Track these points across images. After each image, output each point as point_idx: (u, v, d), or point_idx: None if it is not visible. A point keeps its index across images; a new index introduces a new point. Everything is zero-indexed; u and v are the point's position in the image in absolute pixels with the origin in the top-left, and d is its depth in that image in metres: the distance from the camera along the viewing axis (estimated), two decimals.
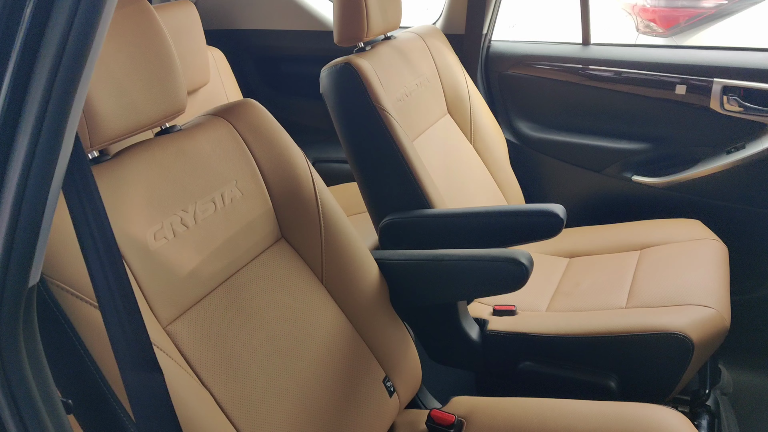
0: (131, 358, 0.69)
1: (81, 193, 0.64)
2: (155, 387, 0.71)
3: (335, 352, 1.14)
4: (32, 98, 0.52)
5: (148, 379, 0.71)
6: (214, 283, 1.02)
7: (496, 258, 1.19)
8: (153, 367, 0.71)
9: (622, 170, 2.12)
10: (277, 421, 0.99)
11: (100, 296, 0.67)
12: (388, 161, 1.58)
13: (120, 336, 0.68)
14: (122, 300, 0.68)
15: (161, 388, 0.72)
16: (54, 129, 0.54)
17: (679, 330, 1.37)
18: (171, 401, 0.73)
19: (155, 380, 0.71)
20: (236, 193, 1.11)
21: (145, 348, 0.70)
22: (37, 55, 0.51)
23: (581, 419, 1.15)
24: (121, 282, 0.67)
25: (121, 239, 0.89)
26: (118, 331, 0.68)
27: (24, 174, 0.54)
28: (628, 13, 3.97)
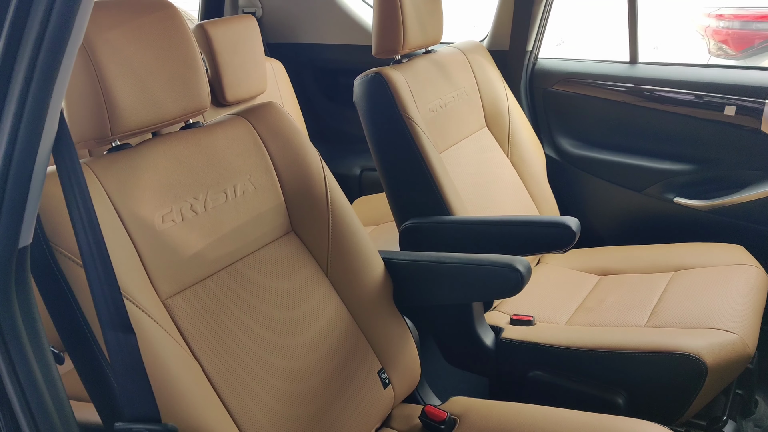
0: (109, 317, 0.77)
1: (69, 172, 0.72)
2: (129, 346, 0.79)
3: (331, 340, 1.18)
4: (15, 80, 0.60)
5: (123, 338, 0.78)
6: (218, 266, 1.09)
7: (493, 263, 1.20)
8: (127, 328, 0.78)
9: (664, 191, 2.06)
10: (264, 398, 1.05)
11: (84, 259, 0.75)
12: (411, 168, 1.62)
13: (100, 297, 0.76)
14: (101, 264, 0.76)
15: (134, 348, 0.79)
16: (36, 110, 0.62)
17: (692, 352, 1.32)
18: (142, 360, 0.80)
19: (129, 340, 0.79)
20: (249, 186, 1.18)
21: (120, 309, 0.78)
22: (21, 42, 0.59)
23: (569, 428, 1.14)
24: (100, 249, 0.75)
25: (128, 219, 0.98)
26: (98, 292, 0.76)
27: (9, 149, 0.62)
28: (702, 35, 3.84)
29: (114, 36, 0.99)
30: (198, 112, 1.13)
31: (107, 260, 0.78)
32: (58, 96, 0.64)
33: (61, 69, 0.62)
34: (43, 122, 0.64)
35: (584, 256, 1.99)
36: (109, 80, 0.97)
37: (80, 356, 0.87)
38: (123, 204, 0.98)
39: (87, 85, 0.96)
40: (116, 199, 0.97)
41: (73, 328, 0.86)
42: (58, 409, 0.76)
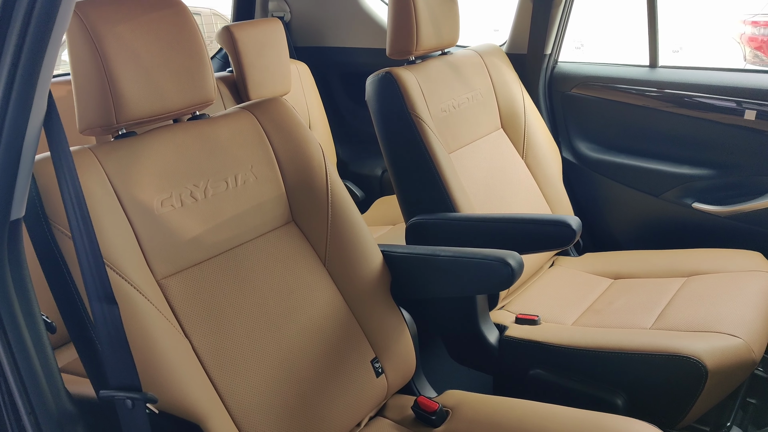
0: (95, 288, 0.81)
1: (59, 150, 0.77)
2: (113, 317, 0.83)
3: (325, 327, 1.21)
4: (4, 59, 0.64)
5: (107, 309, 0.82)
6: (216, 251, 1.13)
7: (486, 257, 1.20)
8: (110, 300, 0.82)
9: (682, 196, 2.02)
10: (253, 379, 1.08)
11: (72, 232, 0.80)
12: (419, 166, 1.63)
13: (86, 268, 0.80)
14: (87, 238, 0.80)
15: (117, 319, 0.83)
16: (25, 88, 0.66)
17: (692, 354, 1.30)
18: (124, 331, 0.84)
19: (113, 311, 0.83)
20: (250, 176, 1.22)
21: (104, 282, 0.82)
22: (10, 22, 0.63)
23: (557, 423, 1.13)
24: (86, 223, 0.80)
25: (128, 201, 1.02)
26: (84, 264, 0.80)
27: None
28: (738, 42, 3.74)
29: (122, 30, 1.04)
30: (203, 104, 1.17)
31: (92, 234, 0.82)
32: (46, 75, 0.68)
33: (48, 49, 0.66)
34: (32, 100, 0.68)
35: (599, 260, 1.97)
36: (116, 71, 1.02)
37: (73, 327, 0.92)
38: (123, 187, 1.02)
39: (94, 75, 1.01)
40: (116, 182, 1.02)
41: (67, 299, 0.91)
42: (46, 374, 0.80)
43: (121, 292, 0.93)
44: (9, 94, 0.66)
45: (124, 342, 0.84)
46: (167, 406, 0.92)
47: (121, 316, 0.85)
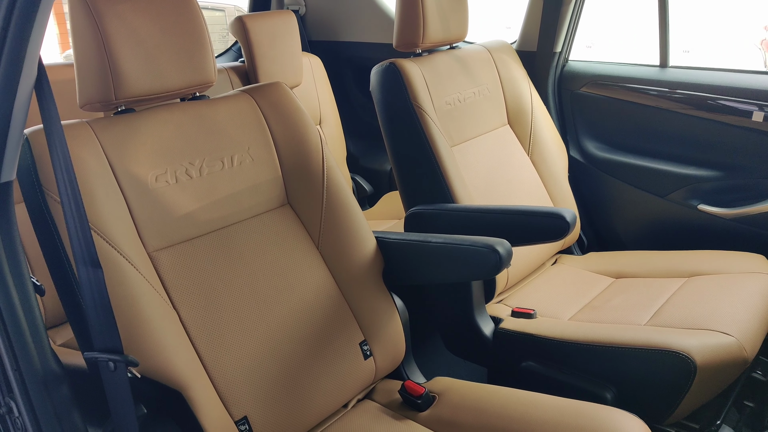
0: (80, 252, 0.84)
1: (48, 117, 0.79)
2: (97, 280, 0.85)
3: (315, 307, 1.22)
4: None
5: (92, 272, 0.85)
6: (208, 228, 1.15)
7: (474, 243, 1.21)
8: (95, 263, 0.85)
9: (687, 197, 2.00)
10: (239, 353, 1.10)
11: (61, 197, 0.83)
12: (419, 157, 1.64)
13: (73, 232, 0.83)
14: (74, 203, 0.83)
15: (101, 282, 0.86)
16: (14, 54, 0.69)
17: (682, 349, 1.29)
18: (107, 294, 0.86)
19: (97, 274, 0.85)
20: (247, 158, 1.24)
21: (89, 246, 0.85)
22: None
23: (539, 410, 1.13)
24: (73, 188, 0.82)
25: (122, 175, 1.05)
26: (71, 227, 0.83)
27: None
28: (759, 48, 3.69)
29: (124, 8, 1.07)
30: (202, 85, 1.20)
31: (78, 198, 0.85)
32: (35, 42, 0.71)
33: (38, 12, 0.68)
34: (21, 67, 0.71)
35: (602, 259, 1.96)
36: (116, 48, 1.05)
37: (63, 291, 0.95)
38: (118, 161, 1.05)
39: (94, 52, 1.04)
40: (112, 156, 1.05)
41: (58, 264, 0.94)
42: (33, 333, 0.83)
43: (110, 261, 0.96)
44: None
45: (108, 305, 0.87)
46: (150, 371, 0.95)
47: (105, 280, 0.87)
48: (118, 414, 0.89)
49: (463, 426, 1.17)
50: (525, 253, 1.80)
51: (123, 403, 0.88)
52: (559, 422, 1.08)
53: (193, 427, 0.97)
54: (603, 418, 1.06)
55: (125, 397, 0.88)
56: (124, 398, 0.88)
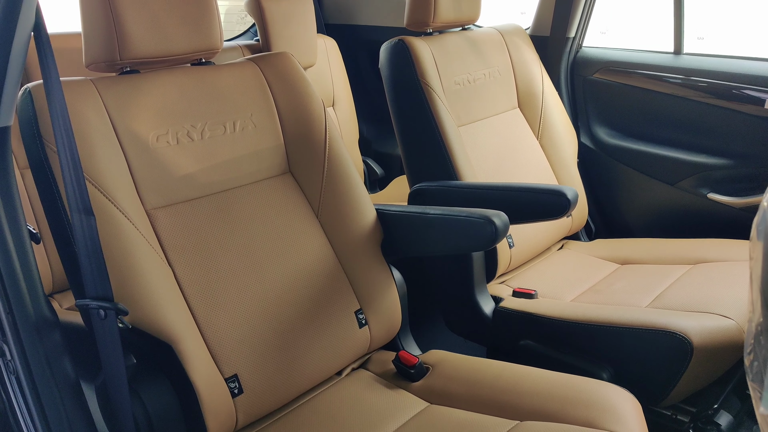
0: (75, 199, 0.85)
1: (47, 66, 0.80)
2: (90, 228, 0.86)
3: (311, 273, 1.22)
4: None
5: (85, 220, 0.86)
6: (208, 191, 1.16)
7: (471, 215, 1.20)
8: (88, 211, 0.86)
9: (697, 185, 1.96)
10: (233, 314, 1.10)
11: (57, 145, 0.84)
12: (426, 134, 1.63)
13: (68, 179, 0.84)
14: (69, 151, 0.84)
15: (93, 230, 0.87)
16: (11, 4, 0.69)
17: (679, 330, 1.27)
18: (100, 243, 0.87)
19: (90, 222, 0.86)
20: (249, 124, 1.24)
21: (83, 194, 0.86)
22: None
23: (530, 382, 1.12)
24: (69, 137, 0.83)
25: (123, 132, 1.06)
26: (66, 175, 0.84)
27: None
28: None
29: None
30: (208, 52, 1.20)
31: (74, 147, 0.86)
32: None
33: None
34: (18, 12, 0.71)
35: (609, 246, 1.93)
36: (121, 9, 1.05)
37: (60, 241, 0.96)
38: (119, 119, 1.06)
39: (100, 12, 1.04)
40: (114, 113, 1.05)
41: (55, 214, 0.95)
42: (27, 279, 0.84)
43: (106, 214, 0.96)
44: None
45: (99, 253, 0.88)
46: (141, 322, 0.95)
47: (99, 231, 0.88)
48: (107, 363, 0.90)
49: (455, 396, 1.16)
50: (530, 237, 1.78)
51: (113, 351, 0.89)
52: (550, 393, 1.06)
53: (183, 381, 0.98)
54: (594, 391, 1.05)
55: (115, 346, 0.89)
56: (113, 347, 0.89)
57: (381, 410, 1.15)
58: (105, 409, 0.99)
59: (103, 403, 0.98)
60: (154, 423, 0.97)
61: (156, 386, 0.97)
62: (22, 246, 0.85)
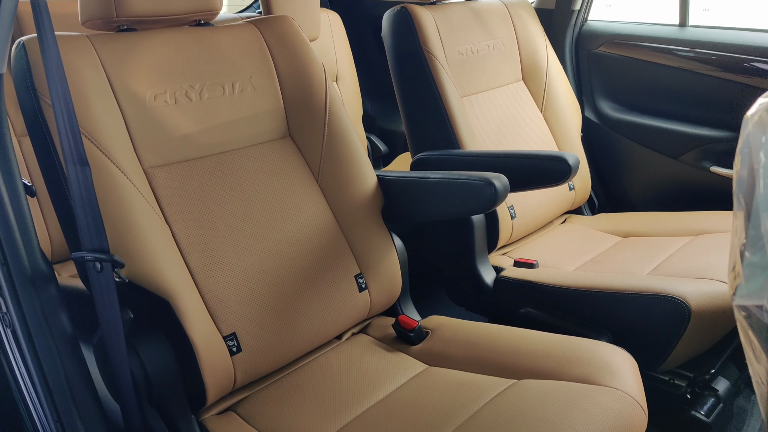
0: (69, 150, 0.83)
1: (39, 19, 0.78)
2: (85, 179, 0.85)
3: (311, 237, 1.20)
4: None
5: (80, 170, 0.84)
6: (206, 152, 1.13)
7: (471, 177, 1.17)
8: (83, 161, 0.84)
9: (700, 159, 1.92)
10: (231, 273, 1.08)
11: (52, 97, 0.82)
12: (428, 103, 1.60)
13: (62, 131, 0.82)
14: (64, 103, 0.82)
15: (88, 181, 0.85)
16: None
17: (677, 294, 1.24)
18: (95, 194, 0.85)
19: (85, 173, 0.84)
20: (248, 86, 1.21)
21: (77, 144, 0.84)
22: None
23: (528, 343, 1.10)
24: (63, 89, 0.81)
25: (120, 90, 1.03)
26: (61, 126, 0.82)
27: None
28: None
29: None
30: (207, 13, 1.17)
31: (68, 99, 0.84)
32: None
33: None
34: None
35: (612, 220, 1.91)
36: None
37: (56, 195, 0.94)
38: (116, 76, 1.03)
39: None
40: (110, 70, 1.03)
41: (50, 168, 0.93)
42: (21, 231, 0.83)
43: (102, 169, 0.94)
44: None
45: (95, 205, 0.86)
46: (138, 277, 0.94)
47: (95, 185, 0.86)
48: (104, 317, 0.88)
49: (454, 358, 1.14)
50: (533, 209, 1.76)
51: (109, 305, 0.87)
52: (548, 353, 1.05)
53: (180, 337, 0.96)
54: (591, 350, 1.03)
55: (111, 300, 0.87)
56: (110, 300, 0.87)
57: (380, 372, 1.14)
58: (103, 367, 0.98)
59: (101, 361, 0.97)
60: (151, 379, 0.95)
61: (153, 342, 0.96)
62: (17, 198, 0.84)
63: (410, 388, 1.08)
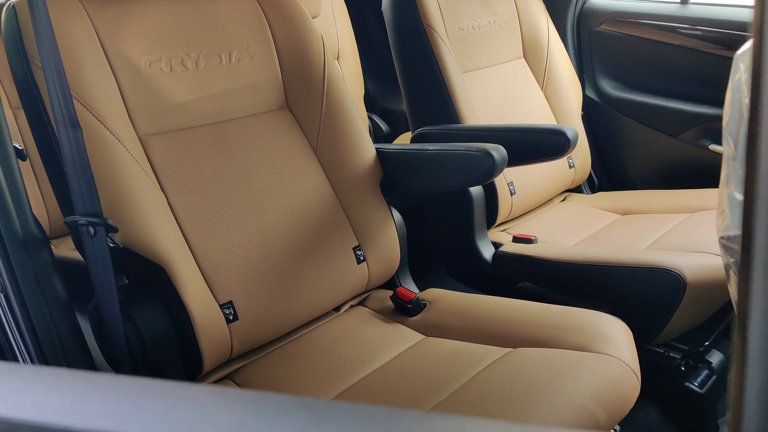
0: (60, 113, 0.81)
1: None
2: (76, 141, 0.82)
3: (309, 209, 1.18)
4: None
5: (72, 133, 0.82)
6: (202, 121, 1.11)
7: (469, 148, 1.15)
8: (74, 124, 0.82)
9: (699, 137, 1.89)
10: (228, 243, 1.06)
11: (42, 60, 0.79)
12: (428, 78, 1.57)
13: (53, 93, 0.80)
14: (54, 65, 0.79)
15: (80, 143, 0.83)
16: None
17: (673, 267, 1.23)
18: (87, 157, 0.83)
19: (76, 135, 0.82)
20: (246, 56, 1.18)
21: (69, 106, 0.81)
22: None
23: (524, 314, 1.09)
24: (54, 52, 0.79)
25: (113, 56, 1.01)
26: (52, 89, 0.80)
27: None
28: None
29: None
30: None
31: (59, 62, 0.82)
32: None
33: None
34: None
35: (611, 198, 1.89)
36: None
37: (48, 159, 0.92)
38: (110, 41, 1.01)
39: None
40: (103, 35, 1.00)
41: (42, 132, 0.91)
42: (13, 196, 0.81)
43: (96, 134, 0.92)
44: None
45: (87, 168, 0.84)
46: (132, 243, 0.92)
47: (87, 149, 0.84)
48: (99, 282, 0.86)
49: (451, 328, 1.13)
50: (532, 185, 1.73)
51: (103, 270, 0.86)
52: (543, 323, 1.03)
53: (176, 304, 0.95)
54: (586, 319, 1.01)
55: (105, 264, 0.86)
56: (104, 265, 0.86)
57: (377, 342, 1.12)
58: (98, 333, 0.96)
59: (96, 327, 0.95)
60: (147, 346, 0.94)
61: (149, 308, 0.94)
62: (8, 161, 0.82)
63: (407, 357, 1.06)
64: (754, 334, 0.28)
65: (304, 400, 0.31)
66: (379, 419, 0.30)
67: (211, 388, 0.34)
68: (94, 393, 0.33)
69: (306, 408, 0.30)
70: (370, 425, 0.29)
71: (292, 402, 0.30)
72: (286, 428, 0.29)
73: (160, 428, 0.29)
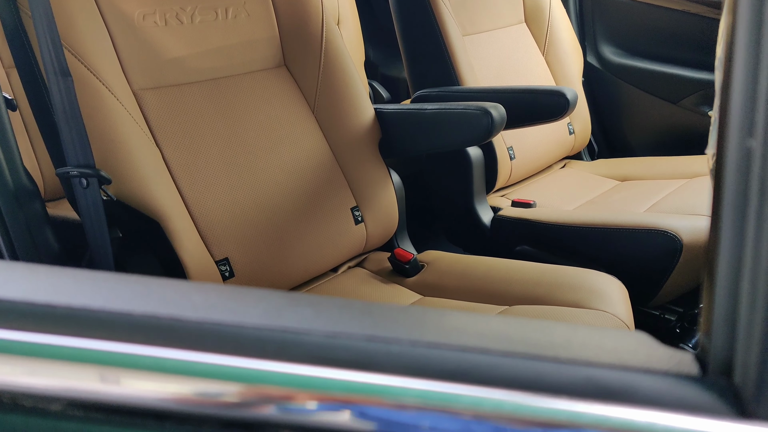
0: (50, 61, 0.77)
1: None
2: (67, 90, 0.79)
3: (306, 168, 1.15)
4: None
5: (62, 81, 0.79)
6: (198, 77, 1.07)
7: (467, 107, 1.11)
8: (64, 72, 0.78)
9: (699, 103, 1.85)
10: (224, 199, 1.03)
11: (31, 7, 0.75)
12: (428, 40, 1.53)
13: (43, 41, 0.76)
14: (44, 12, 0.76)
15: (71, 92, 0.79)
16: None
17: (670, 228, 1.20)
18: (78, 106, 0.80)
19: (66, 83, 0.79)
20: (242, 12, 1.14)
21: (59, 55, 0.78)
22: None
23: (521, 273, 1.06)
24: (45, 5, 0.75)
25: (106, 7, 0.96)
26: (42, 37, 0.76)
27: None
28: None
29: None
30: None
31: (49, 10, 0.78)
32: None
33: None
34: None
35: (611, 165, 1.85)
36: None
37: (38, 110, 0.89)
38: None
39: None
40: None
41: (32, 82, 0.88)
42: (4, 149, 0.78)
43: (88, 87, 0.89)
44: None
45: (79, 118, 0.81)
46: (126, 196, 0.89)
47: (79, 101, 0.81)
48: (92, 235, 0.84)
49: (448, 288, 1.11)
50: (532, 149, 1.70)
51: (96, 223, 0.83)
52: (539, 281, 1.01)
53: (172, 259, 0.92)
54: (581, 277, 0.99)
55: (99, 216, 0.83)
56: (97, 217, 0.83)
57: (374, 302, 1.10)
58: None
59: None
60: None
61: (144, 264, 0.92)
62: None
63: None
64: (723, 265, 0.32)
65: (282, 292, 0.32)
66: (357, 307, 0.33)
67: (192, 282, 0.34)
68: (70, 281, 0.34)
69: (284, 296, 0.32)
70: (347, 310, 0.31)
71: (270, 292, 0.32)
72: (263, 308, 0.29)
73: (142, 304, 0.30)
